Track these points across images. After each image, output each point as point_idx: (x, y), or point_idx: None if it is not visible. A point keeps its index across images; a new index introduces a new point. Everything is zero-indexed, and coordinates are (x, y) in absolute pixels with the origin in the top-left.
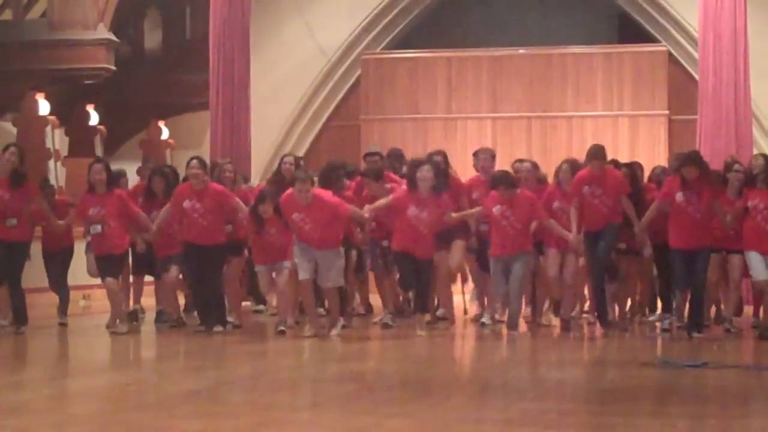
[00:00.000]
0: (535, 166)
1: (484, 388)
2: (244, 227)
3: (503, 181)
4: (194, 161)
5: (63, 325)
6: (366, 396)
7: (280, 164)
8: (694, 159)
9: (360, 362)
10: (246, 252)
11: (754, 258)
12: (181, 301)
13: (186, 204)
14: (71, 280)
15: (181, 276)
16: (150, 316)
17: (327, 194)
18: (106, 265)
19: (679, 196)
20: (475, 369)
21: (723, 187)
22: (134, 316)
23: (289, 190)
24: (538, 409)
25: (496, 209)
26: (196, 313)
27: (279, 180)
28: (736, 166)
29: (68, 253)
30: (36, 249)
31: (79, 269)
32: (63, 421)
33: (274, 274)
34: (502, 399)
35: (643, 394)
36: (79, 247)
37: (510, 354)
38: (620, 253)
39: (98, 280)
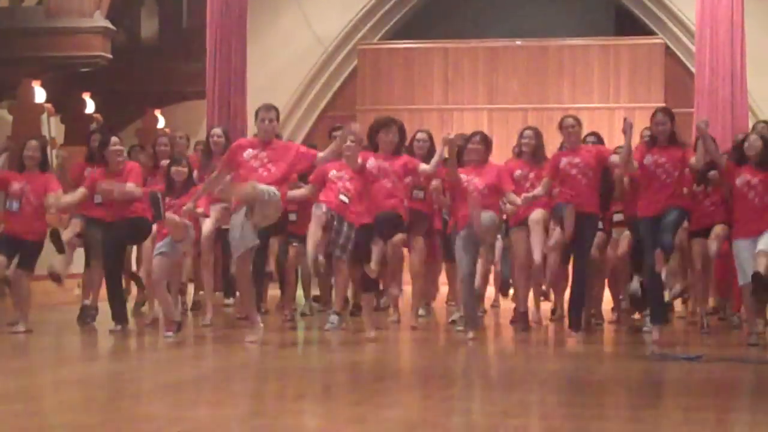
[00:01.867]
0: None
1: (477, 380)
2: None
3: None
4: (114, 138)
5: None
6: (359, 386)
7: (208, 137)
8: (665, 109)
9: (352, 353)
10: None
11: (742, 253)
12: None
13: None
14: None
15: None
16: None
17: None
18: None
19: (647, 159)
20: (469, 360)
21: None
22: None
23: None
24: (533, 401)
25: (462, 177)
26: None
27: (207, 152)
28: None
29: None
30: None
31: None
32: (57, 408)
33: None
34: (496, 390)
35: (638, 386)
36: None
37: (503, 345)
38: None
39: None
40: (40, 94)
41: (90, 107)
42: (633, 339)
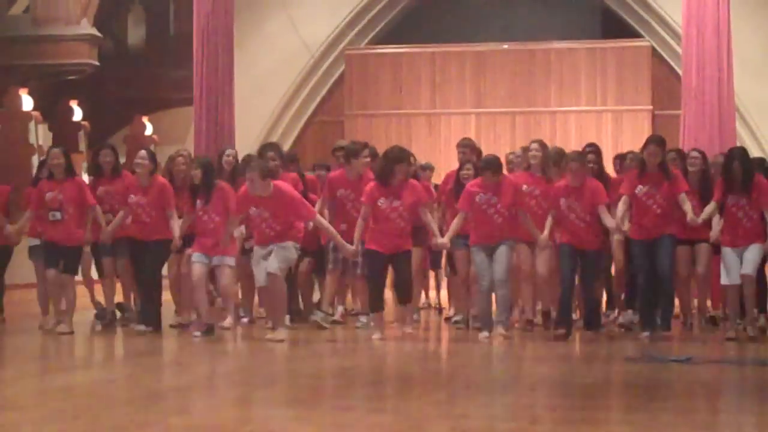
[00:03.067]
0: (524, 150)
1: (468, 384)
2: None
3: (490, 166)
4: (142, 152)
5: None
6: (348, 392)
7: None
8: (657, 139)
9: (340, 358)
10: None
11: (729, 257)
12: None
13: (131, 199)
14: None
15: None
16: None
17: (288, 188)
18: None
19: (639, 189)
20: (458, 365)
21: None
22: (114, 316)
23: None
24: (523, 404)
25: (478, 198)
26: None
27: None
28: (693, 153)
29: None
30: None
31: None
32: (49, 416)
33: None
34: (486, 394)
35: (628, 389)
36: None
37: (493, 349)
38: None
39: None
40: (27, 102)
41: (77, 114)
42: (623, 341)
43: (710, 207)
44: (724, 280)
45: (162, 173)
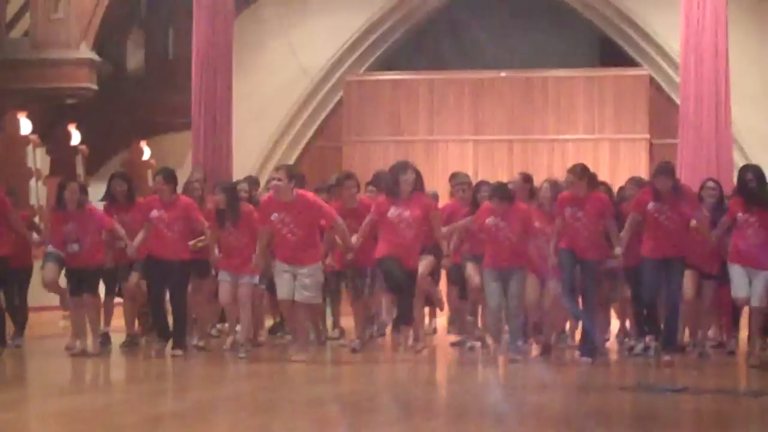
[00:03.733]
0: (525, 179)
1: (463, 412)
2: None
3: (499, 193)
4: (158, 177)
5: (18, 346)
6: (345, 419)
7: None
8: (666, 169)
9: (338, 385)
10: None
11: (736, 272)
12: None
13: (153, 213)
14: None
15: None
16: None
17: (311, 194)
18: (79, 280)
19: (651, 206)
20: (454, 392)
21: (699, 203)
22: (107, 339)
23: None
24: None
25: (489, 220)
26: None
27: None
28: (710, 183)
29: (28, 272)
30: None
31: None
32: None
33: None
34: (481, 422)
35: (623, 419)
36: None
37: (489, 377)
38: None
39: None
40: (25, 126)
41: (76, 139)
42: (618, 369)
43: (722, 223)
44: (734, 293)
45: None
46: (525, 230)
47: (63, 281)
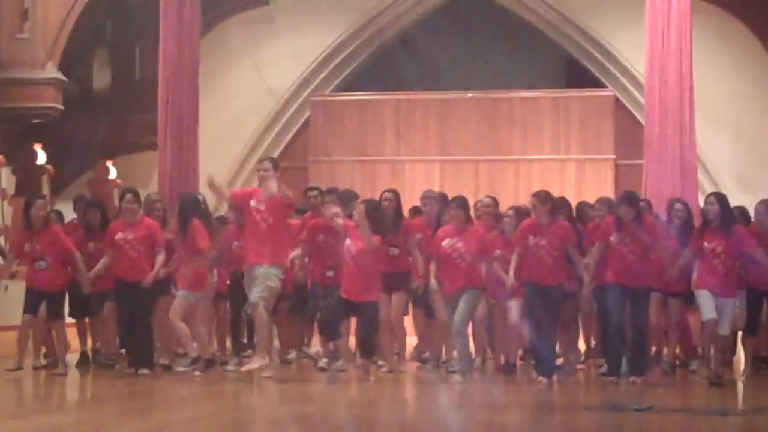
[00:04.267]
0: (494, 202)
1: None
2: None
3: (460, 204)
4: (128, 195)
5: None
6: None
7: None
8: (629, 199)
9: (305, 404)
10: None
11: (703, 296)
12: None
13: (118, 236)
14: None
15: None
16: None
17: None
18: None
19: (613, 237)
20: (420, 412)
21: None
22: (87, 359)
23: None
24: None
25: (445, 243)
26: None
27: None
28: (678, 205)
29: None
30: None
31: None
32: None
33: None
34: None
35: None
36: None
37: (454, 397)
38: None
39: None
40: None
41: (41, 158)
42: (585, 389)
43: (685, 254)
44: (705, 317)
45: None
46: (481, 250)
47: None
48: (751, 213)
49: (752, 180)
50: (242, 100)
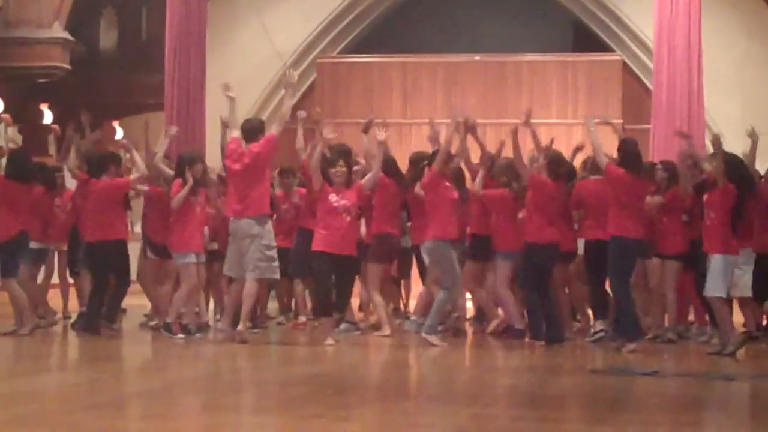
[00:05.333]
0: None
1: (435, 394)
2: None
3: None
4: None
5: None
6: (316, 400)
7: None
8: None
9: (309, 366)
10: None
11: (714, 266)
12: None
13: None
14: None
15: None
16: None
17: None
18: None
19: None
20: (426, 374)
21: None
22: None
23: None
24: (488, 415)
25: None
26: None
27: None
28: (659, 165)
29: None
30: None
31: None
32: (12, 420)
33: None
34: (452, 404)
35: (594, 401)
36: None
37: (461, 360)
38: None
39: None
40: None
41: (48, 118)
42: (590, 353)
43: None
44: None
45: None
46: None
47: None
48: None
49: (760, 145)
50: (249, 62)
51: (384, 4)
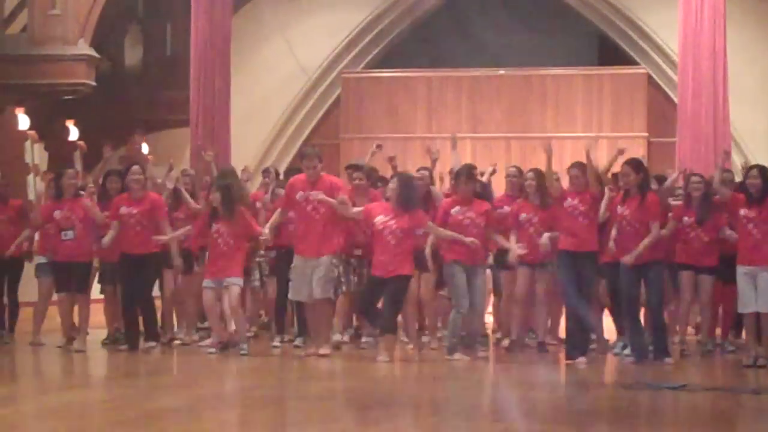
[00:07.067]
0: (519, 171)
1: (465, 408)
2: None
3: (464, 174)
4: (136, 167)
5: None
6: (344, 414)
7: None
8: (630, 163)
9: (336, 381)
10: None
11: (742, 282)
12: None
13: (123, 210)
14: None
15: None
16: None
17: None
18: (69, 275)
19: (619, 209)
20: (455, 389)
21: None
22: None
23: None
24: (517, 430)
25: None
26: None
27: None
28: (695, 177)
29: (19, 266)
30: None
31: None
32: None
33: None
34: (481, 419)
35: (622, 416)
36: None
37: (489, 375)
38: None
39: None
40: (23, 121)
41: (74, 134)
42: (617, 368)
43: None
44: (741, 309)
45: (167, 193)
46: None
47: None
48: None
49: None
50: (274, 77)
51: (408, 19)
